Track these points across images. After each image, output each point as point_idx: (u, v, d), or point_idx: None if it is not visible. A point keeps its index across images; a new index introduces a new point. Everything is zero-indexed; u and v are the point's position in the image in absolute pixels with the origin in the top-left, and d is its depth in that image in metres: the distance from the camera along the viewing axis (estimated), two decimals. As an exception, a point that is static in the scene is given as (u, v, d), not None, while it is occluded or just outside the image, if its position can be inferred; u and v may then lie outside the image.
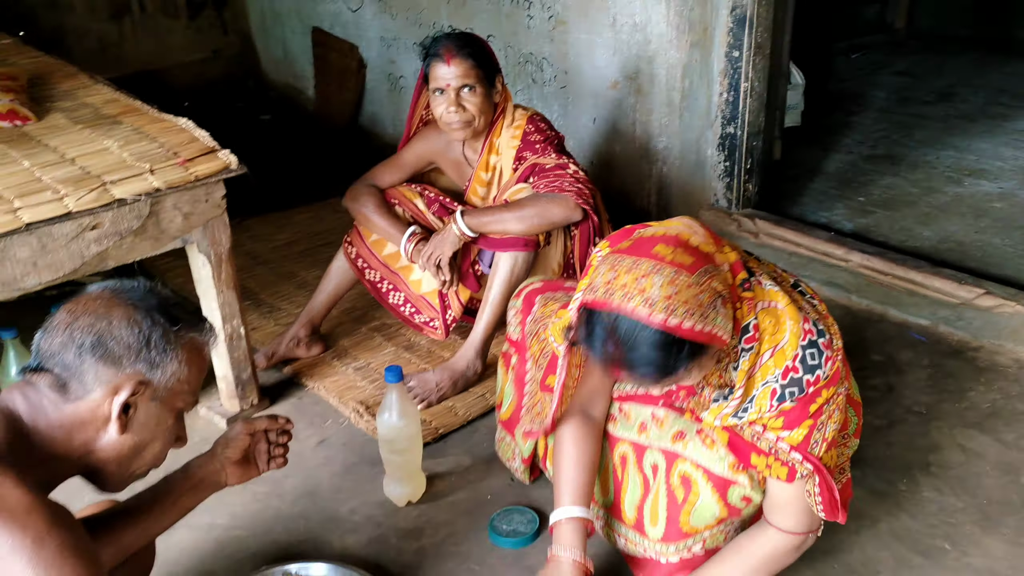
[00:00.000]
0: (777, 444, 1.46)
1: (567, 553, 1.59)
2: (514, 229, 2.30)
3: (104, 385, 1.22)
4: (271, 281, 3.13)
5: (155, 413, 1.29)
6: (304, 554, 1.88)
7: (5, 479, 1.09)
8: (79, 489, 1.34)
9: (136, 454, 1.30)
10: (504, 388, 2.01)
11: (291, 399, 2.45)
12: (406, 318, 2.61)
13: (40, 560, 1.05)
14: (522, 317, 1.86)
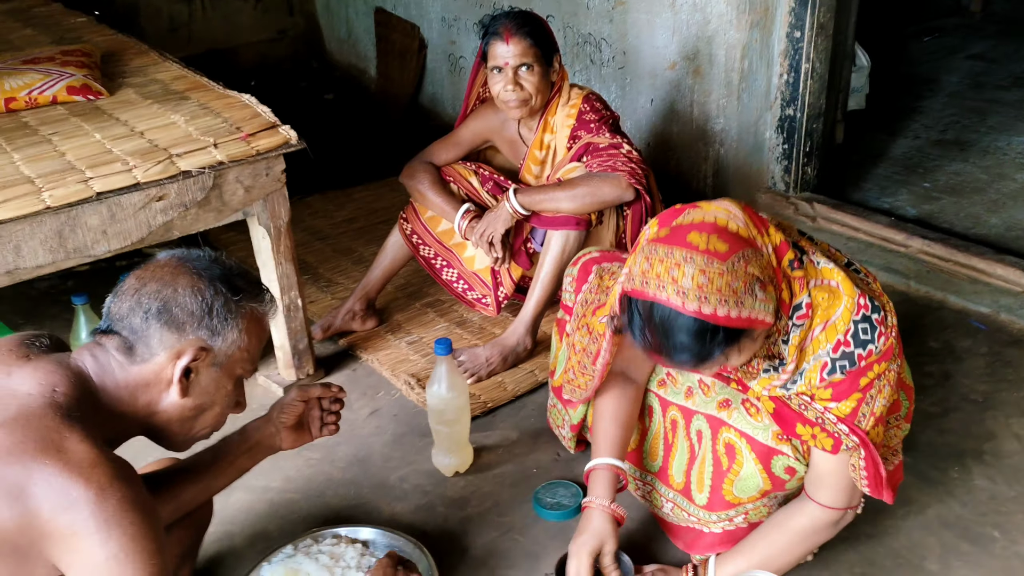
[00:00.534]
0: (824, 415, 1.46)
1: (598, 500, 1.64)
2: (566, 208, 2.32)
3: (168, 349, 1.28)
4: (329, 256, 3.20)
5: (215, 378, 1.34)
6: (354, 518, 1.94)
7: (72, 433, 1.15)
8: (145, 447, 1.41)
9: (196, 417, 1.36)
10: (558, 355, 2.03)
11: (345, 370, 2.52)
12: (459, 294, 2.65)
13: (102, 511, 1.11)
14: (577, 285, 1.88)
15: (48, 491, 1.10)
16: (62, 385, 1.23)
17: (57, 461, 1.12)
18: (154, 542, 1.16)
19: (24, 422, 1.15)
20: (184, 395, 1.31)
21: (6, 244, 1.85)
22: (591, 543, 1.61)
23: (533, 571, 1.78)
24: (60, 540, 1.11)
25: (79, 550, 1.11)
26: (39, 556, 1.12)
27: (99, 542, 1.11)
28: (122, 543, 1.12)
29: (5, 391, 1.21)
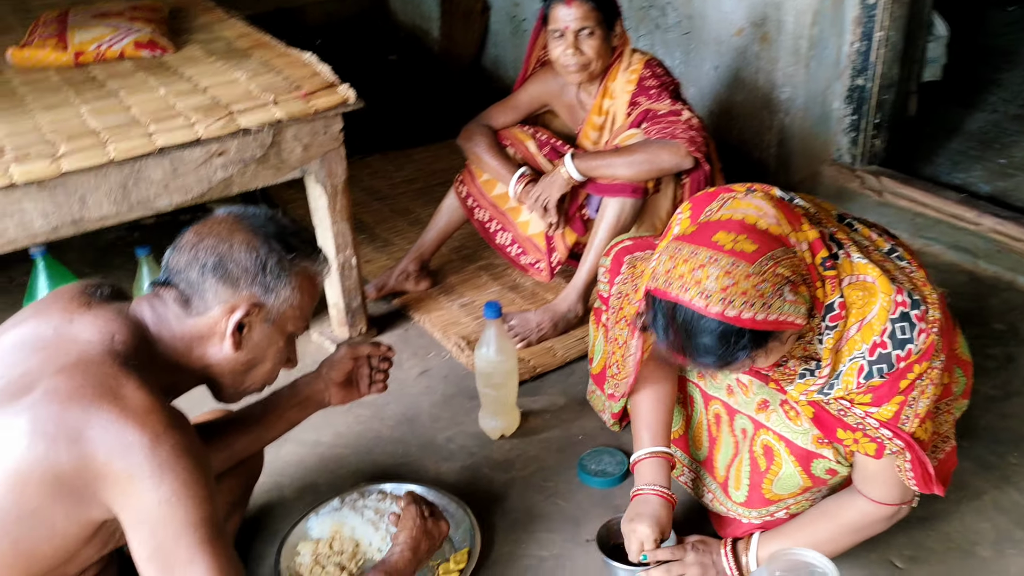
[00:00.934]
0: (865, 420, 1.40)
1: (653, 487, 1.63)
2: (623, 174, 2.29)
3: (222, 304, 1.31)
4: (386, 216, 3.22)
5: (267, 334, 1.37)
6: (400, 476, 1.97)
7: (129, 380, 1.19)
8: (201, 399, 1.45)
9: (248, 371, 1.39)
10: (595, 344, 2.02)
11: (397, 330, 2.55)
12: (512, 258, 2.64)
13: (155, 457, 1.15)
14: (611, 277, 1.86)
15: (104, 436, 1.14)
16: (121, 334, 1.27)
17: (114, 407, 1.15)
18: (205, 488, 1.19)
19: (83, 368, 1.19)
20: (237, 349, 1.34)
21: (72, 195, 1.90)
22: (659, 528, 1.59)
23: (574, 536, 1.79)
24: (115, 483, 1.15)
25: (133, 493, 1.15)
26: (94, 498, 1.16)
27: (152, 486, 1.15)
28: (174, 488, 1.16)
29: (66, 337, 1.25)
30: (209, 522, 1.19)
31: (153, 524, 1.16)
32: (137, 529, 1.17)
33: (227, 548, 1.22)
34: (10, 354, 1.26)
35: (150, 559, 1.17)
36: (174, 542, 1.16)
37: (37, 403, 1.15)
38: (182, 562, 1.17)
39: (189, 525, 1.17)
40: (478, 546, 1.72)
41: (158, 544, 1.16)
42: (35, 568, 1.19)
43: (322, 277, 1.44)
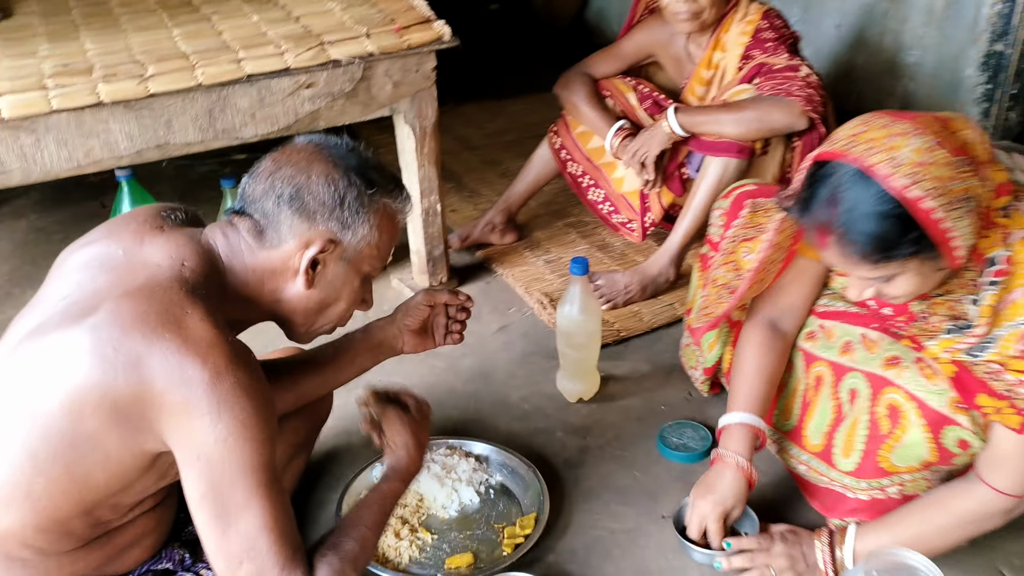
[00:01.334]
0: (1016, 388, 1.25)
1: (732, 456, 1.51)
2: (729, 132, 2.13)
3: (296, 238, 1.23)
4: (476, 166, 3.13)
5: (342, 273, 1.29)
6: (469, 432, 1.89)
7: (195, 310, 1.13)
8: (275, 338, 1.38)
9: (320, 310, 1.32)
10: (697, 292, 1.89)
11: (479, 282, 2.46)
12: (604, 216, 2.52)
13: (215, 393, 1.08)
14: (727, 220, 1.71)
15: (164, 366, 1.08)
16: (191, 260, 1.21)
17: (176, 337, 1.09)
18: (264, 431, 1.12)
19: (149, 293, 1.13)
20: (309, 287, 1.27)
21: (159, 117, 1.86)
22: (723, 505, 1.49)
23: (649, 512, 1.68)
24: (171, 416, 1.09)
25: (189, 429, 1.09)
26: (150, 428, 1.11)
27: (209, 424, 1.08)
28: (232, 427, 1.09)
29: (136, 260, 1.20)
30: (266, 467, 1.13)
31: (208, 463, 1.10)
32: (191, 466, 1.11)
33: (282, 495, 1.15)
34: (79, 272, 1.22)
35: (203, 498, 1.11)
36: (229, 484, 1.10)
37: (99, 325, 1.10)
38: (236, 505, 1.11)
39: (246, 468, 1.10)
40: (546, 512, 1.63)
41: (212, 484, 1.10)
42: (89, 495, 1.14)
43: (403, 216, 1.34)
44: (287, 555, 1.13)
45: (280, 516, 1.13)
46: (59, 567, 1.20)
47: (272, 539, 1.12)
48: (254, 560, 1.11)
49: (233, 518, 1.11)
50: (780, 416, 1.65)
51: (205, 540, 1.13)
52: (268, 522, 1.12)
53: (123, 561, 1.28)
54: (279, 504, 1.14)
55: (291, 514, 1.17)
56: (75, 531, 1.18)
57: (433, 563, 1.58)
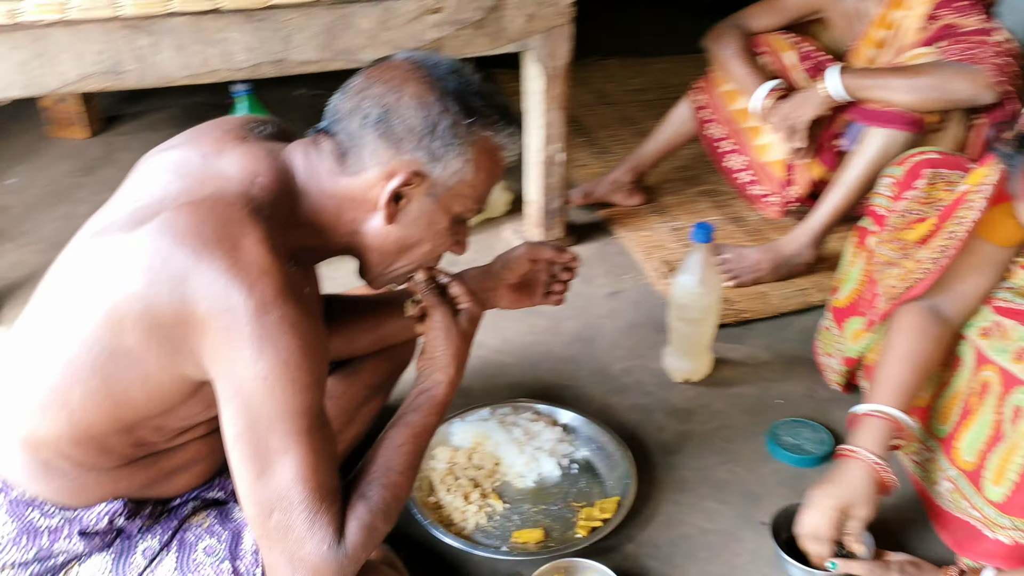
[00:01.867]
0: None
1: (866, 453, 1.29)
2: (900, 100, 1.86)
3: (380, 166, 1.10)
4: (610, 122, 2.95)
5: (428, 211, 1.14)
6: (562, 399, 1.74)
7: (253, 231, 1.01)
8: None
9: (400, 251, 1.18)
10: (848, 271, 1.67)
11: (595, 243, 2.30)
12: (740, 187, 2.30)
13: (258, 326, 0.97)
14: (898, 190, 1.47)
15: (209, 287, 0.98)
16: (265, 176, 1.09)
17: (227, 258, 0.98)
18: (309, 374, 1.01)
19: (211, 206, 1.03)
20: (390, 222, 1.13)
21: (277, 32, 1.78)
22: (844, 499, 1.28)
23: (747, 515, 1.50)
24: (212, 344, 0.99)
25: (229, 360, 0.99)
26: (191, 354, 1.01)
27: (249, 358, 0.98)
28: (273, 366, 0.98)
29: (210, 170, 1.10)
30: (309, 413, 1.01)
31: (246, 401, 1.00)
32: (229, 402, 1.01)
33: (325, 444, 1.04)
34: (153, 176, 1.14)
35: (238, 438, 1.01)
36: (267, 427, 1.00)
37: (151, 233, 1.01)
38: (273, 451, 1.00)
39: (286, 412, 1.00)
40: (631, 498, 1.47)
41: (249, 424, 1.00)
42: (126, 413, 1.07)
43: (509, 154, 1.17)
44: (320, 510, 1.03)
45: (319, 467, 1.02)
46: (99, 483, 1.13)
47: (307, 491, 1.01)
48: (284, 512, 1.01)
49: (268, 463, 1.01)
50: (936, 419, 1.42)
51: (237, 481, 1.03)
52: (305, 473, 1.01)
53: (170, 485, 1.21)
54: (319, 454, 1.02)
55: (332, 465, 1.06)
56: (115, 448, 1.11)
57: (499, 534, 1.45)
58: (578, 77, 3.24)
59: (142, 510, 1.18)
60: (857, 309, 1.62)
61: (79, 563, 1.17)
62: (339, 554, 1.05)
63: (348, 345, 1.48)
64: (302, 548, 1.03)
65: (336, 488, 1.06)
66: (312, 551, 1.03)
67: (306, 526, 1.02)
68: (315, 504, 1.02)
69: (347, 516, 1.07)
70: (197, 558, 1.19)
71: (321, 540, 1.03)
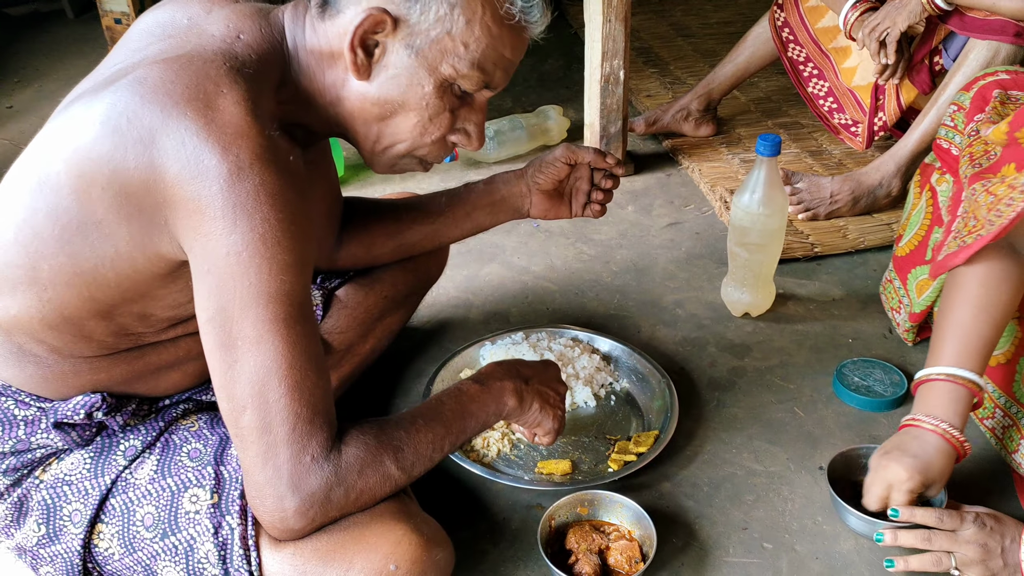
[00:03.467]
0: None
1: (935, 421, 1.10)
2: (1008, 7, 1.63)
3: (354, 5, 0.95)
4: (687, 54, 2.75)
5: (408, 67, 0.97)
6: (605, 327, 1.60)
7: (231, 90, 0.89)
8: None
9: (383, 118, 1.02)
10: (912, 214, 1.47)
11: (657, 173, 2.12)
12: (823, 114, 2.08)
13: (231, 194, 0.85)
14: (966, 119, 1.27)
15: (179, 151, 0.86)
16: (249, 34, 0.97)
17: (199, 118, 0.86)
18: (289, 252, 0.88)
19: (186, 62, 0.91)
20: (360, 75, 0.97)
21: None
22: (925, 475, 1.09)
23: (803, 458, 1.32)
24: (184, 213, 0.87)
25: (201, 232, 0.87)
26: (164, 227, 0.90)
27: (221, 231, 0.86)
28: (247, 240, 0.86)
29: (195, 28, 0.98)
30: (288, 299, 0.89)
31: (218, 279, 0.88)
32: (201, 280, 0.90)
33: (309, 344, 0.91)
34: (137, 38, 1.03)
35: (210, 322, 0.90)
36: (240, 310, 0.88)
37: (119, 91, 0.90)
38: (246, 339, 0.88)
39: (261, 294, 0.87)
40: (670, 432, 1.32)
41: (221, 306, 0.88)
42: (99, 294, 0.97)
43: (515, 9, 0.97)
44: (303, 414, 0.89)
45: (301, 364, 0.89)
46: (76, 372, 1.04)
47: (285, 389, 0.89)
48: (259, 410, 0.89)
49: (241, 352, 0.88)
50: (1020, 382, 1.22)
51: (212, 372, 0.92)
52: (282, 367, 0.88)
53: (157, 382, 1.11)
54: (299, 349, 0.89)
55: (321, 367, 0.92)
56: (94, 335, 1.02)
57: (523, 463, 1.32)
58: (655, 10, 3.08)
59: (125, 406, 1.08)
60: (921, 258, 1.41)
61: (58, 459, 1.09)
62: (325, 471, 0.91)
63: (367, 251, 1.36)
64: (277, 454, 0.90)
65: (323, 396, 0.92)
66: (289, 459, 0.90)
67: (284, 429, 0.89)
68: (297, 406, 0.89)
69: (351, 437, 0.93)
70: (181, 460, 1.09)
71: (302, 449, 0.90)
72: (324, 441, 0.91)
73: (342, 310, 1.34)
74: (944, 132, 1.38)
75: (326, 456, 0.91)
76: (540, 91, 2.54)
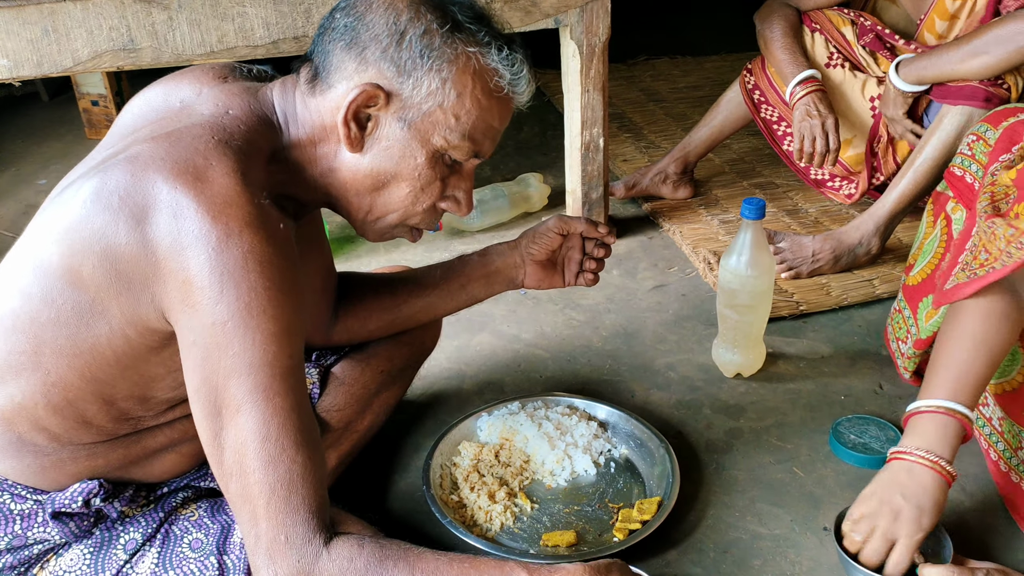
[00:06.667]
0: None
1: (929, 455, 1.11)
2: (968, 69, 1.69)
3: (346, 81, 0.97)
4: (659, 119, 2.81)
5: (400, 139, 0.99)
6: (599, 394, 1.60)
7: (221, 161, 0.90)
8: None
9: (376, 189, 1.03)
10: (925, 243, 1.49)
11: (639, 236, 2.15)
12: (803, 172, 2.13)
13: (220, 261, 0.86)
14: (993, 154, 1.29)
15: (171, 222, 0.87)
16: (238, 109, 0.99)
17: (190, 189, 0.87)
18: (275, 321, 0.88)
19: (176, 137, 0.92)
20: (353, 148, 0.99)
21: (297, 5, 1.69)
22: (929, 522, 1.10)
23: (808, 518, 1.32)
24: (173, 287, 0.88)
25: (188, 303, 0.87)
26: (152, 301, 0.90)
27: (209, 299, 0.86)
28: (236, 308, 0.86)
29: (186, 109, 1.01)
30: (274, 368, 0.88)
31: (204, 349, 0.88)
32: (188, 354, 0.90)
33: (289, 413, 0.89)
34: (130, 122, 1.05)
35: (197, 392, 0.90)
36: (224, 379, 0.87)
37: (111, 168, 0.91)
38: (228, 407, 0.88)
39: (244, 364, 0.87)
40: (673, 498, 1.31)
41: (206, 376, 0.88)
42: (102, 374, 0.96)
43: (504, 82, 1.00)
44: (278, 491, 0.88)
45: (278, 438, 0.88)
46: (74, 459, 1.03)
47: (260, 462, 0.87)
48: (240, 480, 0.88)
49: (224, 422, 0.88)
50: None
51: (203, 443, 0.91)
52: (258, 439, 0.87)
53: (153, 466, 1.10)
54: (280, 423, 0.88)
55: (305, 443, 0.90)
56: (94, 421, 1.01)
57: (528, 536, 1.31)
58: (625, 76, 3.16)
59: (122, 492, 1.07)
60: (933, 286, 1.44)
61: (56, 556, 1.06)
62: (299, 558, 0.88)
63: (362, 326, 1.36)
64: (257, 524, 0.89)
65: (303, 474, 0.90)
66: (267, 532, 0.88)
67: (261, 502, 0.88)
68: (269, 479, 0.88)
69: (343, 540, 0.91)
70: (182, 552, 1.07)
71: (277, 526, 0.88)
72: (302, 525, 0.89)
73: (339, 387, 1.33)
74: (960, 160, 1.41)
75: (305, 542, 0.89)
76: (518, 158, 2.58)
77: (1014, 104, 1.45)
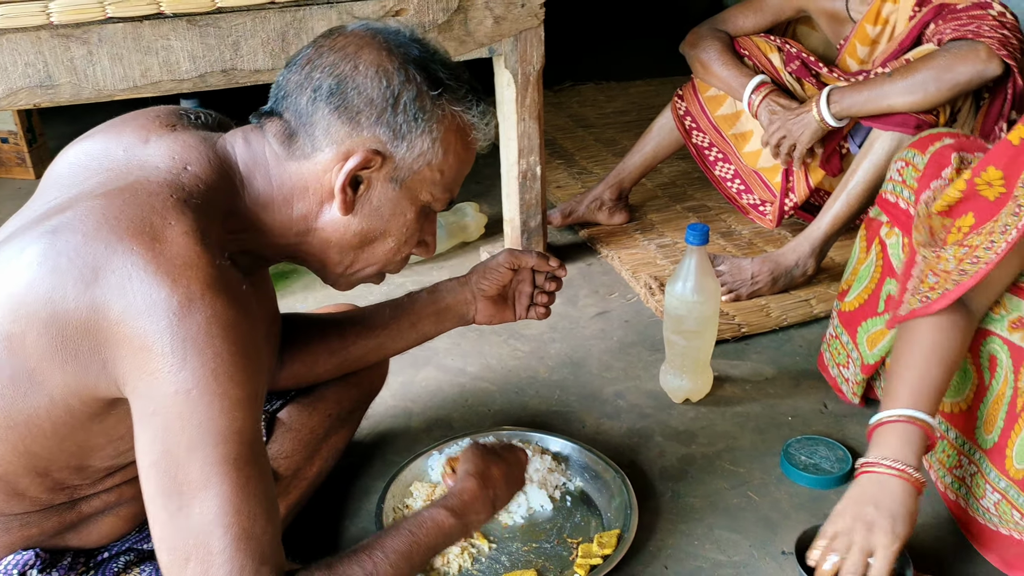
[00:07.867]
0: None
1: (897, 464, 1.12)
2: (902, 104, 1.73)
3: (335, 145, 0.95)
4: (589, 144, 2.83)
5: (392, 199, 1.00)
6: (550, 426, 1.57)
7: (179, 221, 0.85)
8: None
9: (362, 246, 1.03)
10: (859, 269, 1.51)
11: (578, 263, 2.15)
12: (732, 196, 2.17)
13: (181, 328, 0.81)
14: (923, 180, 1.32)
15: (124, 285, 0.81)
16: (197, 165, 0.94)
17: (146, 251, 0.82)
18: (241, 388, 0.84)
19: (131, 195, 0.87)
20: (347, 211, 0.98)
21: (225, 37, 1.64)
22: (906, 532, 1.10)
23: (765, 542, 1.32)
24: (128, 353, 0.82)
25: (146, 372, 0.82)
26: (102, 370, 0.84)
27: (170, 367, 0.81)
28: (199, 376, 0.81)
29: (134, 161, 0.95)
30: (240, 438, 0.84)
31: (165, 421, 0.82)
32: (146, 425, 0.84)
33: (260, 485, 0.86)
34: (69, 172, 0.98)
35: (154, 466, 0.84)
36: (187, 452, 0.82)
37: (59, 229, 0.85)
38: (191, 483, 0.82)
39: (210, 434, 0.82)
40: (633, 530, 1.30)
41: (166, 449, 0.82)
42: (36, 448, 0.90)
43: (480, 135, 1.03)
44: (248, 566, 0.83)
45: (249, 509, 0.84)
46: (7, 530, 0.96)
47: (230, 539, 0.83)
48: (202, 562, 0.83)
49: (184, 500, 0.82)
50: (981, 428, 1.26)
51: (152, 520, 0.85)
52: (228, 513, 0.83)
53: (90, 531, 1.03)
54: (248, 493, 0.84)
55: (271, 510, 0.87)
56: (27, 492, 0.94)
57: (487, 578, 1.27)
58: (552, 103, 3.17)
59: (60, 560, 0.99)
60: (872, 310, 1.47)
61: (-12, 632, 0.98)
62: None
63: (309, 370, 1.31)
64: None
65: (271, 542, 0.87)
66: None
67: None
68: (238, 556, 0.83)
69: None
70: (128, 620, 1.00)
71: None
72: None
73: (286, 433, 1.28)
74: (891, 187, 1.44)
75: None
76: (451, 188, 2.55)
77: (939, 129, 1.49)
